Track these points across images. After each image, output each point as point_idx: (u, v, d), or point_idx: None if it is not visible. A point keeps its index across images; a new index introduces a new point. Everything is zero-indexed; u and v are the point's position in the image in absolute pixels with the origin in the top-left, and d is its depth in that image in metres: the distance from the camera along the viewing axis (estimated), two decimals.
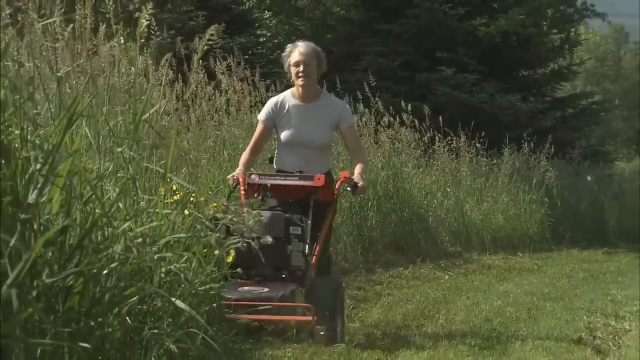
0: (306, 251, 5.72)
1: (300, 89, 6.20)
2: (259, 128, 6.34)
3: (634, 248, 14.86)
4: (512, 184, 14.22)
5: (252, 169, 6.25)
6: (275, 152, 6.46)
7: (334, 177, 6.39)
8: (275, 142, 6.52)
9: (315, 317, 5.27)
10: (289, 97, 6.29)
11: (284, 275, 5.65)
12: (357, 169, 6.15)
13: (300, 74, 6.10)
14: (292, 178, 6.01)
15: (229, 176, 6.12)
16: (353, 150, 6.45)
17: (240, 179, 5.94)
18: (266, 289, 5.39)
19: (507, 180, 14.19)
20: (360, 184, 6.00)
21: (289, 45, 6.30)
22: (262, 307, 5.14)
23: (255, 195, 6.01)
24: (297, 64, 6.12)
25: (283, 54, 6.28)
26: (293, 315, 5.33)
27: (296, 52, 6.13)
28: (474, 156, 14.09)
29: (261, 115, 6.34)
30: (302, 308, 5.37)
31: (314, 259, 5.72)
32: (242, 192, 5.90)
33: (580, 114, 21.13)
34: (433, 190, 12.33)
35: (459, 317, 7.18)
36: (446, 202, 12.46)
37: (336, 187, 6.10)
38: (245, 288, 5.39)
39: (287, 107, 6.24)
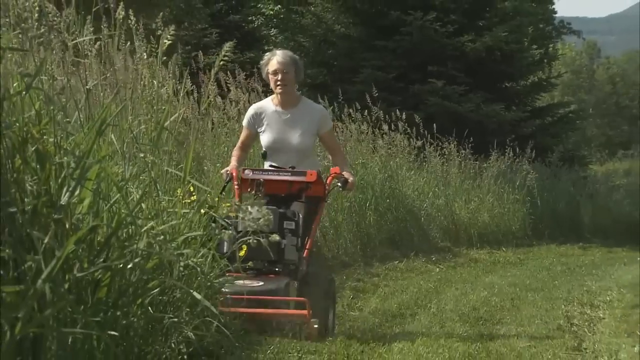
0: (299, 245, 5.44)
1: (279, 96, 5.85)
2: (244, 133, 6.06)
3: (606, 243, 14.88)
4: (496, 185, 14.21)
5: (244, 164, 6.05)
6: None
7: (323, 176, 6.04)
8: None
9: (310, 311, 4.99)
10: (269, 104, 5.96)
11: (277, 269, 5.33)
12: (344, 166, 5.91)
13: (279, 83, 5.76)
14: (285, 173, 5.72)
15: (222, 171, 5.81)
16: (333, 150, 6.14)
17: (234, 174, 5.68)
18: (261, 283, 5.09)
19: (492, 182, 14.18)
20: (350, 179, 5.76)
21: (267, 53, 5.97)
22: (257, 301, 4.88)
23: (249, 190, 5.67)
24: (275, 73, 5.77)
25: (261, 62, 5.92)
26: (288, 309, 5.07)
27: (274, 61, 5.78)
28: (462, 160, 14.08)
29: (244, 122, 6.06)
30: (295, 302, 5.12)
31: (306, 253, 5.46)
32: (236, 186, 5.65)
33: (558, 122, 21.12)
34: (425, 190, 12.33)
35: (449, 306, 7.18)
36: (437, 201, 12.45)
37: (327, 182, 5.83)
38: (240, 282, 4.91)
39: (267, 114, 5.90)
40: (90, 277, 2.84)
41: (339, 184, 5.75)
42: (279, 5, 25.32)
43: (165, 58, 4.10)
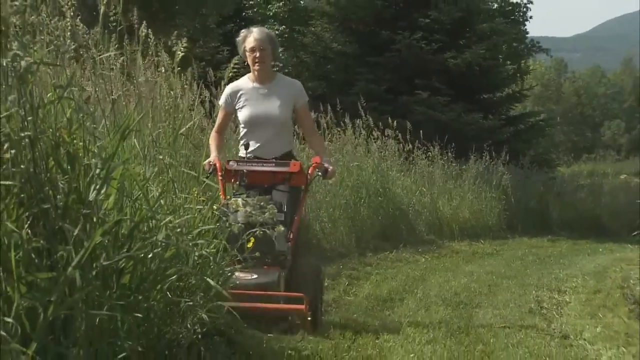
0: (289, 236, 4.93)
1: (256, 72, 5.25)
2: (221, 113, 5.40)
3: (572, 236, 14.87)
4: (475, 185, 14.19)
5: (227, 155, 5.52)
6: (241, 138, 5.42)
7: (296, 156, 5.53)
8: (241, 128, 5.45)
9: (307, 306, 4.53)
10: (245, 81, 5.34)
11: (267, 260, 4.76)
12: (323, 155, 5.34)
13: (257, 60, 5.19)
14: (269, 164, 5.13)
15: (204, 162, 5.05)
16: (308, 129, 5.52)
17: (217, 165, 5.07)
18: (255, 275, 4.55)
19: (472, 182, 14.16)
20: (330, 168, 5.21)
21: (243, 30, 5.37)
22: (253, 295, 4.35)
23: (232, 180, 5.14)
24: (252, 50, 5.19)
25: (237, 39, 5.34)
26: (281, 302, 4.58)
27: (251, 38, 5.22)
28: (445, 163, 14.06)
29: (221, 101, 5.40)
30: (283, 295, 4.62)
31: (291, 242, 4.96)
32: (220, 177, 5.02)
33: (529, 129, 21.14)
34: (412, 189, 12.31)
35: (433, 291, 7.16)
36: (423, 199, 12.43)
37: (309, 172, 5.23)
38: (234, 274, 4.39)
39: (244, 91, 5.28)
40: (115, 265, 2.83)
41: (320, 173, 5.22)
42: (284, 26, 25.34)
43: (180, 68, 4.09)
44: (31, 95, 2.64)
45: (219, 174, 5.04)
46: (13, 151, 2.51)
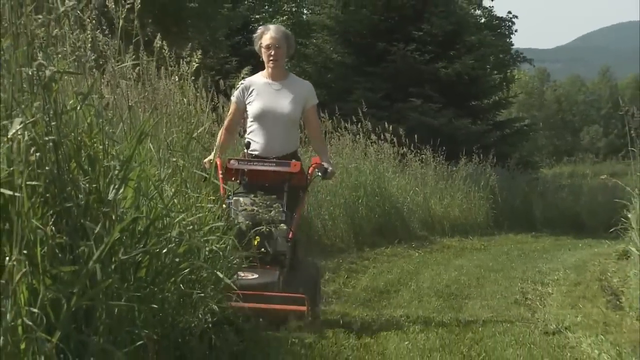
0: (289, 236, 4.61)
1: (270, 69, 5.01)
2: (232, 109, 5.10)
3: (554, 233, 14.84)
4: (465, 185, 14.18)
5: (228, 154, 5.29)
6: (247, 136, 5.10)
7: (300, 158, 5.14)
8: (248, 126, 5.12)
9: (309, 308, 4.24)
10: (258, 77, 5.07)
11: (267, 259, 4.47)
12: (323, 156, 5.06)
13: (271, 57, 4.95)
14: (270, 164, 4.81)
15: (205, 160, 4.82)
16: (314, 130, 5.19)
17: (218, 163, 4.74)
18: (255, 275, 4.28)
19: (462, 183, 14.15)
20: (329, 169, 4.94)
21: (260, 27, 5.12)
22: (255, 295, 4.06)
23: (232, 179, 4.87)
24: (268, 47, 4.95)
25: (254, 35, 5.08)
26: (283, 302, 4.26)
27: (268, 35, 4.96)
28: (437, 164, 14.03)
29: (234, 97, 5.06)
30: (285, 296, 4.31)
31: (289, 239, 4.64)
32: (220, 176, 4.70)
33: (515, 134, 21.15)
34: (406, 189, 12.28)
35: (426, 284, 7.15)
36: (416, 198, 12.41)
37: (309, 172, 4.96)
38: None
39: (257, 86, 5.00)
40: (132, 260, 2.83)
41: (319, 173, 4.93)
42: None
43: (193, 78, 4.08)
44: (55, 102, 2.64)
45: (220, 172, 4.72)
46: (38, 154, 2.50)
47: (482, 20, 24.57)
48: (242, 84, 4.98)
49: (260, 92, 4.99)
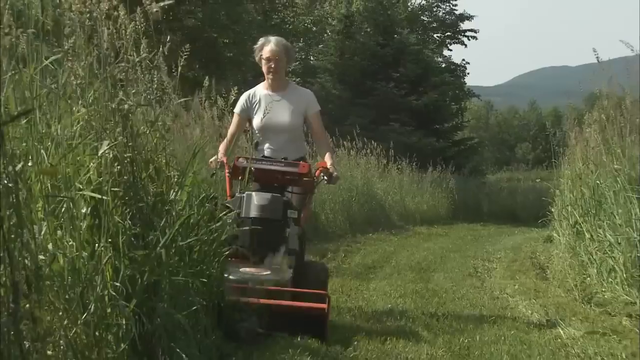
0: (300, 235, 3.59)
1: (270, 81, 3.97)
2: (235, 120, 4.05)
3: (497, 222, 14.78)
4: (431, 187, 14.18)
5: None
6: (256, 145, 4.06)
7: (308, 161, 4.11)
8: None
9: (329, 306, 3.28)
10: (259, 89, 4.04)
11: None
12: (329, 160, 3.90)
13: (271, 69, 3.92)
14: (278, 164, 3.74)
15: (210, 160, 3.80)
16: (319, 135, 4.08)
17: (225, 161, 3.75)
18: (267, 272, 3.35)
19: (429, 185, 14.15)
20: (335, 174, 3.81)
21: (261, 39, 4.01)
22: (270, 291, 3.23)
23: (239, 177, 3.72)
24: (268, 60, 3.92)
25: (255, 46, 4.00)
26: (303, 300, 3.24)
27: (268, 48, 3.92)
28: (410, 172, 14.02)
29: (236, 109, 4.02)
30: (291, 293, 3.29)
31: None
32: (227, 174, 3.72)
33: (468, 149, 21.18)
34: (388, 191, 12.27)
35: (403, 261, 7.13)
36: (395, 197, 12.39)
37: (316, 175, 3.82)
38: (246, 270, 3.36)
39: (258, 98, 3.99)
40: (187, 245, 2.81)
41: (325, 177, 3.80)
42: (299, 78, 25.27)
43: (231, 109, 4.02)
44: (131, 128, 2.63)
45: (227, 170, 3.73)
46: (119, 167, 2.50)
47: (443, 65, 24.59)
48: (244, 95, 4.03)
49: (261, 104, 3.97)
